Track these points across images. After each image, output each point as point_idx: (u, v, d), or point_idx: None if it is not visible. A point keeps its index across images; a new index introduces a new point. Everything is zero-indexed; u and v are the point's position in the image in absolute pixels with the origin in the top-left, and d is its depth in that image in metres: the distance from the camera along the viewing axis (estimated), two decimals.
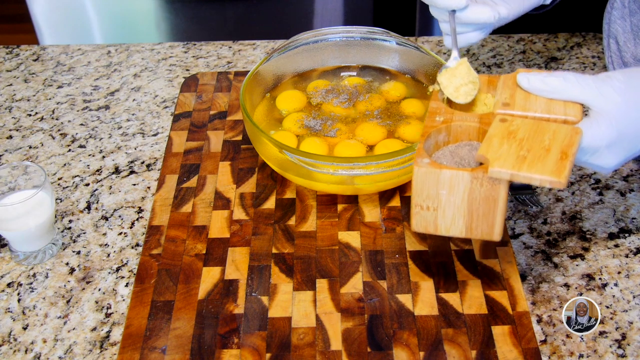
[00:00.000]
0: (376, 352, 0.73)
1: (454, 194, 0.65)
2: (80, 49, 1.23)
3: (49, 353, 0.74)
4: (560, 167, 0.61)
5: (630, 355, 0.73)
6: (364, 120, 0.94)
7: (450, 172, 0.64)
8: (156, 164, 0.98)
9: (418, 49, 0.99)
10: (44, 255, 0.84)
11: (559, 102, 0.67)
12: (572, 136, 0.63)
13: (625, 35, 0.89)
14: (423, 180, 0.65)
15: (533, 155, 0.62)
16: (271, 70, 1.00)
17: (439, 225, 0.67)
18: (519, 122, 0.66)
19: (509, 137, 0.64)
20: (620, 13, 0.90)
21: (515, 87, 0.70)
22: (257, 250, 0.84)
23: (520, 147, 0.63)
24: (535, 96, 0.68)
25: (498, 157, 0.62)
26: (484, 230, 0.66)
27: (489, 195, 0.64)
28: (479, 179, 0.63)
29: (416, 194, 0.66)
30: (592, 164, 0.67)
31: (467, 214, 0.65)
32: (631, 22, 0.88)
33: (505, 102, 0.68)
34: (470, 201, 0.65)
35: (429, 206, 0.66)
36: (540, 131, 0.64)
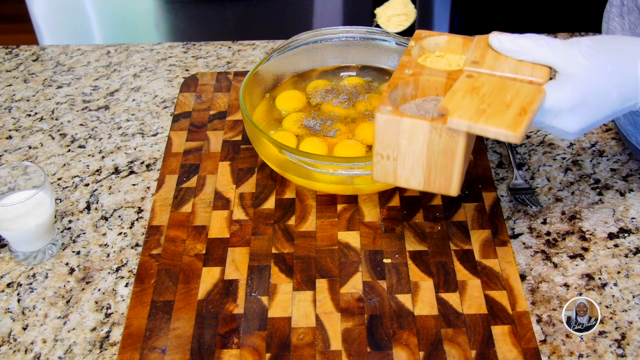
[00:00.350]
0: (376, 352, 0.73)
1: (414, 144, 0.65)
2: (79, 49, 1.23)
3: (48, 353, 0.74)
4: (518, 121, 0.61)
5: (630, 355, 0.73)
6: (364, 120, 0.94)
7: (410, 121, 0.64)
8: (156, 164, 0.98)
9: None
10: (44, 256, 0.84)
11: (528, 64, 0.68)
12: (535, 94, 0.64)
13: (623, 32, 0.89)
14: (384, 129, 0.66)
15: (493, 110, 0.62)
16: (271, 70, 1.00)
17: (399, 175, 0.68)
18: (484, 79, 0.66)
19: (472, 92, 0.65)
20: (618, 10, 0.90)
21: (487, 47, 0.71)
22: (256, 250, 0.84)
23: (482, 102, 0.63)
24: (505, 57, 0.69)
25: (458, 108, 0.63)
26: (441, 183, 0.67)
27: (447, 147, 0.65)
28: (437, 129, 0.64)
29: (377, 142, 0.67)
30: (555, 128, 0.68)
31: (426, 165, 0.66)
32: (629, 19, 0.88)
33: (475, 60, 0.69)
34: (430, 152, 0.66)
35: (389, 155, 0.67)
36: (503, 88, 0.65)
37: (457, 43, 0.75)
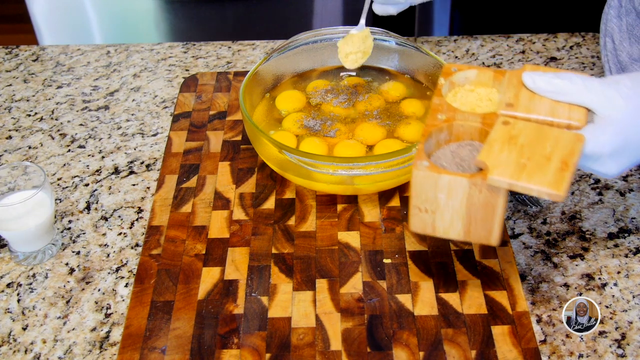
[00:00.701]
0: (376, 352, 0.73)
1: (453, 198, 0.64)
2: (79, 49, 1.23)
3: (48, 353, 0.74)
4: (560, 178, 0.59)
5: (630, 355, 0.73)
6: (364, 120, 0.94)
7: (449, 177, 0.63)
8: (156, 164, 0.98)
9: (417, 49, 0.99)
10: (44, 256, 0.84)
11: (564, 105, 0.66)
12: (575, 144, 0.62)
13: (620, 34, 0.89)
14: (422, 183, 0.64)
15: (533, 164, 0.61)
16: (271, 70, 1.00)
17: (437, 227, 0.66)
18: (521, 126, 0.64)
19: (510, 142, 0.63)
20: (616, 12, 0.90)
21: (520, 85, 0.68)
22: (256, 251, 0.84)
23: (521, 155, 0.61)
24: (540, 97, 0.67)
25: (498, 164, 0.61)
26: (482, 234, 0.66)
27: (487, 202, 0.63)
28: (477, 185, 0.62)
29: (415, 196, 0.65)
30: (595, 170, 0.66)
31: (466, 217, 0.65)
32: (627, 21, 0.88)
33: (509, 102, 0.67)
34: (469, 206, 0.64)
35: (427, 208, 0.65)
36: (542, 137, 0.63)
37: (488, 76, 0.73)
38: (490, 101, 0.73)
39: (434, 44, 1.22)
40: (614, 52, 0.90)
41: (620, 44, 0.89)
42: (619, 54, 0.89)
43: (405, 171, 0.84)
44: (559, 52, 1.18)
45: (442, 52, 1.20)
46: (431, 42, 1.23)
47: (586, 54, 1.17)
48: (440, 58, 0.99)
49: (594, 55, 1.17)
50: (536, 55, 1.17)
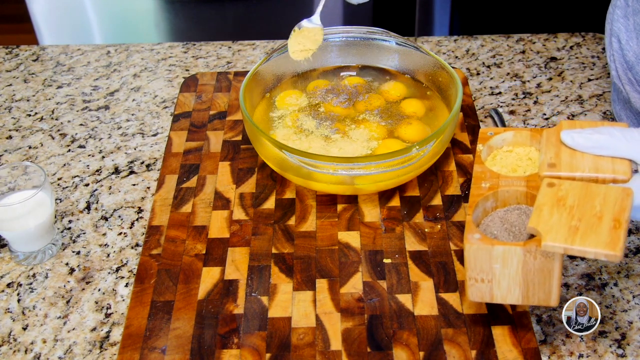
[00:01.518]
0: (376, 352, 0.73)
1: (508, 267, 0.64)
2: (79, 49, 1.23)
3: (48, 353, 0.74)
4: (615, 237, 0.59)
5: (630, 355, 0.73)
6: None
7: (503, 248, 0.63)
8: (156, 164, 0.98)
9: (418, 49, 0.99)
10: (44, 256, 0.84)
11: (607, 159, 0.66)
12: (624, 199, 0.62)
13: (627, 34, 0.89)
14: (475, 256, 0.65)
15: (585, 225, 0.60)
16: (271, 70, 1.00)
17: (495, 295, 0.67)
18: (567, 186, 0.64)
19: (559, 205, 0.63)
20: (623, 12, 0.90)
21: (559, 143, 0.69)
22: (257, 250, 0.84)
23: (572, 217, 0.61)
24: (581, 154, 0.67)
25: (549, 229, 0.61)
26: (540, 297, 0.66)
27: (543, 267, 0.64)
28: (532, 252, 0.63)
29: (469, 268, 0.66)
30: None
31: (523, 283, 0.65)
32: (634, 20, 0.88)
33: (551, 162, 0.67)
34: (525, 272, 0.64)
35: (484, 279, 0.66)
36: (590, 195, 0.63)
37: (524, 136, 0.74)
38: (530, 160, 0.73)
39: (434, 44, 1.22)
40: (620, 52, 0.90)
41: (627, 44, 0.89)
42: (626, 53, 0.89)
43: (406, 171, 0.84)
44: (559, 52, 1.18)
45: (442, 52, 1.20)
46: (431, 42, 1.23)
47: (586, 54, 1.17)
48: (440, 58, 0.98)
49: (594, 55, 1.17)
50: (536, 55, 1.17)
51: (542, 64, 1.16)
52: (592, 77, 1.12)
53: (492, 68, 1.15)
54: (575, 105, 1.06)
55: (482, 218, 0.69)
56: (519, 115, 1.05)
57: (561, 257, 0.63)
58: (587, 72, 1.13)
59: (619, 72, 0.90)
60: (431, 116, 0.95)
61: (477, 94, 1.10)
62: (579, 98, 1.08)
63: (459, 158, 0.95)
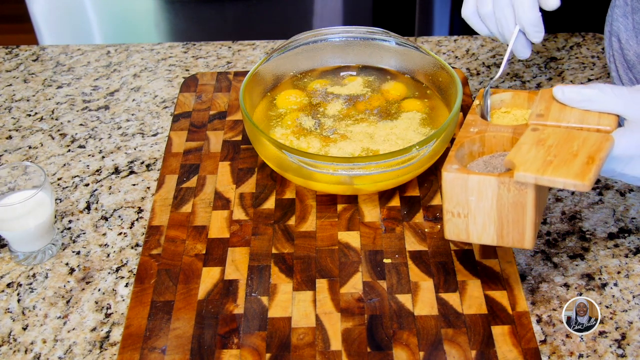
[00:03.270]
0: (376, 352, 0.73)
1: (483, 200, 0.65)
2: (79, 49, 1.23)
3: (48, 353, 0.74)
4: (585, 170, 0.60)
5: (630, 355, 0.73)
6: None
7: (478, 178, 0.64)
8: (156, 164, 0.98)
9: (418, 49, 0.99)
10: (44, 256, 0.84)
11: (594, 114, 0.67)
12: (602, 142, 0.63)
13: (627, 33, 0.89)
14: (452, 187, 0.65)
15: (559, 160, 0.62)
16: (271, 70, 1.00)
17: (471, 232, 0.67)
18: (549, 131, 0.66)
19: (538, 144, 0.64)
20: (622, 11, 0.90)
21: (551, 100, 0.70)
22: (256, 251, 0.84)
23: (548, 153, 0.63)
24: (570, 108, 0.68)
25: (524, 162, 0.62)
26: (515, 237, 0.66)
27: (517, 201, 0.64)
28: (505, 183, 0.64)
29: (447, 201, 0.67)
30: (627, 175, 0.66)
31: (497, 220, 0.66)
32: (633, 19, 0.88)
33: (540, 113, 0.68)
34: (500, 207, 0.65)
35: (460, 213, 0.67)
36: (570, 138, 0.64)
37: (522, 98, 0.75)
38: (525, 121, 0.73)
39: (434, 44, 1.22)
40: (620, 52, 0.90)
41: (627, 43, 0.89)
42: (626, 53, 0.89)
43: (405, 171, 0.84)
44: (559, 52, 1.18)
45: (442, 52, 1.20)
46: (431, 42, 1.23)
47: (586, 54, 1.17)
48: (440, 58, 0.98)
49: (594, 55, 1.17)
50: (536, 55, 1.17)
51: (542, 64, 1.16)
52: (592, 77, 1.12)
53: (492, 68, 1.15)
54: None
55: (468, 161, 0.70)
56: None
57: (534, 192, 0.64)
58: (587, 72, 1.13)
59: (619, 72, 0.90)
60: (431, 116, 0.95)
61: (477, 94, 1.10)
62: None
63: None
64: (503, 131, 0.70)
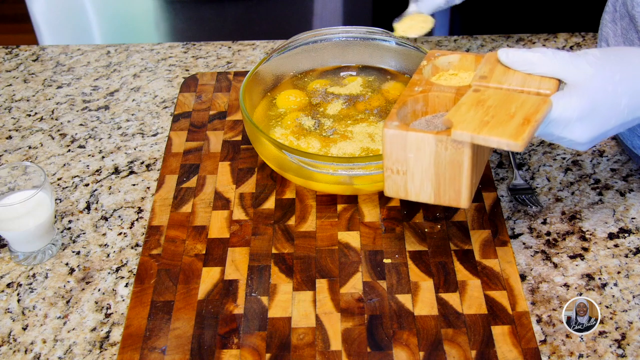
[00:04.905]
0: (376, 352, 0.73)
1: (421, 157, 0.66)
2: (79, 49, 1.23)
3: (48, 353, 0.74)
4: (520, 130, 0.61)
5: (630, 355, 0.73)
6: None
7: (416, 135, 0.65)
8: (156, 164, 0.98)
9: (418, 49, 0.99)
10: (44, 256, 0.84)
11: (536, 77, 0.69)
12: (540, 105, 0.64)
13: (615, 38, 0.89)
14: (392, 143, 0.66)
15: (496, 121, 0.63)
16: (271, 70, 1.00)
17: (409, 189, 0.69)
18: (490, 92, 0.67)
19: (478, 105, 0.65)
20: (611, 17, 0.90)
21: (496, 63, 0.71)
22: (256, 251, 0.84)
23: (486, 114, 0.64)
24: (514, 72, 0.69)
25: (462, 121, 0.63)
26: (451, 196, 0.68)
27: (454, 159, 0.65)
28: (443, 141, 0.65)
29: (386, 157, 0.68)
30: (565, 139, 0.68)
31: (435, 178, 0.67)
32: (621, 25, 0.88)
33: (483, 75, 0.70)
34: (437, 165, 0.66)
35: (399, 169, 0.68)
36: (509, 100, 0.65)
37: (470, 60, 0.76)
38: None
39: (434, 44, 1.22)
40: None
41: None
42: None
43: None
44: None
45: None
46: (431, 42, 1.23)
47: None
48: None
49: None
50: None
51: None
52: None
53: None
54: None
55: (411, 120, 0.71)
56: None
57: (471, 151, 0.65)
58: None
59: None
60: None
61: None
62: None
63: None
64: (446, 91, 0.71)
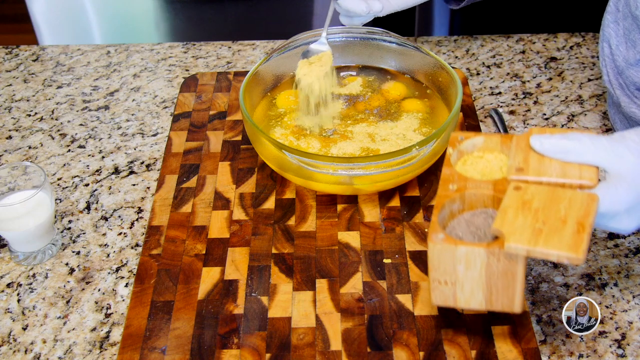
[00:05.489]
0: (376, 352, 0.73)
1: (471, 269, 0.64)
2: (79, 49, 1.23)
3: (48, 353, 0.74)
4: (578, 240, 0.59)
5: (630, 355, 0.73)
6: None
7: (466, 248, 0.63)
8: (156, 164, 0.98)
9: (417, 49, 0.99)
10: (44, 256, 0.84)
11: (574, 165, 0.65)
12: (589, 204, 0.62)
13: (617, 38, 0.89)
14: (439, 256, 0.64)
15: (549, 228, 0.60)
16: (271, 70, 1.00)
17: (458, 298, 0.66)
18: (533, 190, 0.64)
19: (524, 208, 0.62)
20: (613, 17, 0.90)
21: (528, 149, 0.68)
22: (256, 251, 0.84)
23: (536, 219, 0.61)
24: (549, 159, 0.66)
25: (513, 231, 0.60)
26: (504, 302, 0.65)
27: (506, 270, 0.63)
28: (495, 254, 0.62)
29: (433, 269, 0.65)
30: (611, 227, 0.66)
31: (486, 287, 0.64)
32: (623, 25, 0.88)
33: (519, 166, 0.67)
34: (488, 275, 0.64)
35: (447, 280, 0.65)
36: (555, 199, 0.62)
37: (495, 142, 0.73)
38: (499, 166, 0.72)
39: (434, 44, 1.22)
40: (611, 57, 0.90)
41: (617, 49, 0.89)
42: (616, 58, 0.89)
43: (405, 171, 0.84)
44: (559, 52, 1.18)
45: (442, 52, 1.20)
46: (431, 42, 1.23)
47: (586, 54, 1.17)
48: (440, 58, 0.98)
49: (594, 55, 1.17)
50: (536, 56, 1.17)
51: (542, 64, 1.16)
52: (592, 77, 1.12)
53: (492, 68, 1.15)
54: (575, 105, 1.06)
55: (449, 221, 0.69)
56: (519, 115, 1.05)
57: (524, 260, 0.63)
58: (587, 72, 1.13)
59: (609, 76, 0.90)
60: (431, 116, 0.95)
61: (477, 94, 1.10)
62: (578, 98, 1.08)
63: None
64: (483, 188, 0.68)
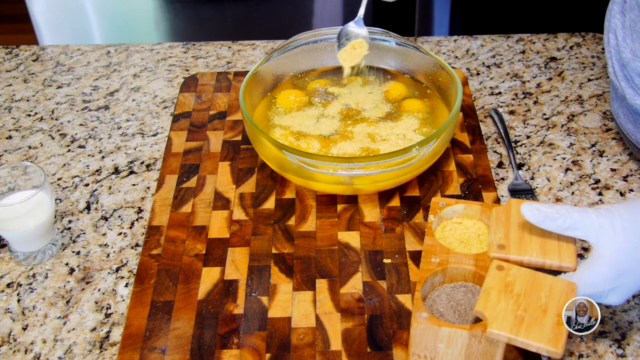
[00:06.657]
0: (376, 352, 0.73)
1: (452, 347, 0.66)
2: (79, 49, 1.23)
3: (48, 353, 0.74)
4: (557, 335, 0.62)
5: (630, 355, 0.73)
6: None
7: (449, 330, 0.65)
8: (156, 164, 0.98)
9: (418, 49, 0.99)
10: (44, 256, 0.84)
11: (553, 244, 0.68)
12: (568, 294, 0.65)
13: (624, 30, 0.89)
14: (421, 334, 0.66)
15: (530, 317, 0.63)
16: (271, 70, 1.00)
17: None
18: (515, 272, 0.67)
19: (506, 291, 0.65)
20: (620, 7, 0.90)
21: (508, 223, 0.71)
22: (256, 251, 0.84)
23: (518, 305, 0.64)
24: (529, 238, 0.69)
25: (496, 315, 0.63)
26: None
27: (486, 351, 0.66)
28: (477, 336, 0.65)
29: (414, 344, 0.67)
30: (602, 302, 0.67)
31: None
32: (630, 17, 0.88)
33: (500, 243, 0.69)
34: (468, 355, 0.66)
35: (427, 356, 0.68)
36: (537, 285, 0.65)
37: (475, 210, 0.76)
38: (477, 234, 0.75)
39: (434, 44, 1.22)
40: (617, 49, 0.90)
41: (623, 41, 0.89)
42: (622, 50, 0.89)
43: (405, 171, 0.84)
44: (559, 52, 1.18)
45: (442, 52, 1.20)
46: (431, 42, 1.23)
47: (586, 54, 1.17)
48: (440, 58, 0.98)
49: (594, 55, 1.17)
50: (536, 55, 1.17)
51: (542, 64, 1.16)
52: (592, 77, 1.12)
53: (492, 68, 1.15)
54: (575, 105, 1.06)
55: (430, 292, 0.71)
56: (519, 115, 1.05)
57: (504, 345, 0.65)
58: (587, 72, 1.13)
59: (615, 68, 0.91)
60: (431, 116, 0.95)
61: (477, 94, 1.10)
62: (578, 98, 1.08)
63: (459, 158, 0.95)
64: (465, 263, 0.71)
